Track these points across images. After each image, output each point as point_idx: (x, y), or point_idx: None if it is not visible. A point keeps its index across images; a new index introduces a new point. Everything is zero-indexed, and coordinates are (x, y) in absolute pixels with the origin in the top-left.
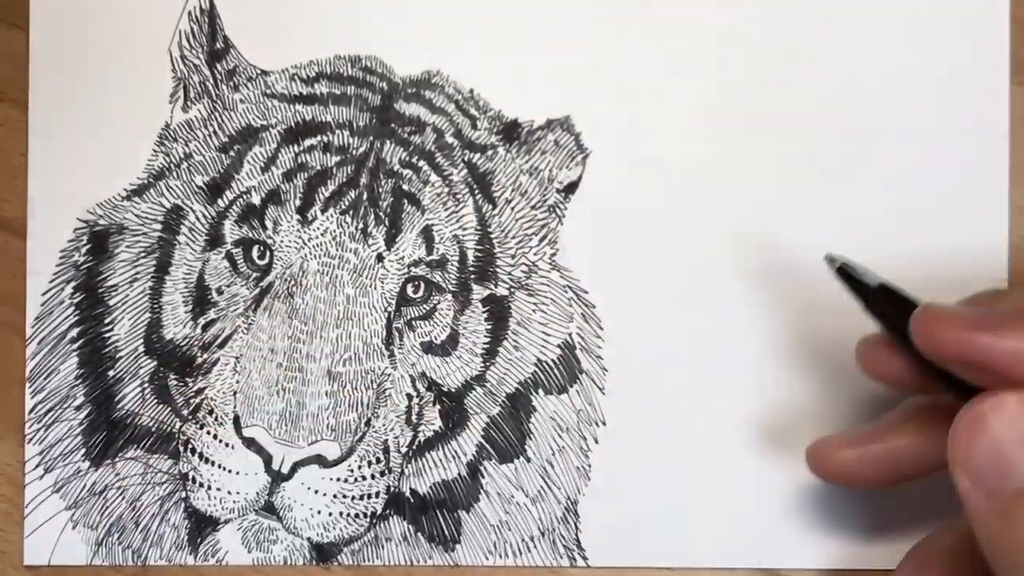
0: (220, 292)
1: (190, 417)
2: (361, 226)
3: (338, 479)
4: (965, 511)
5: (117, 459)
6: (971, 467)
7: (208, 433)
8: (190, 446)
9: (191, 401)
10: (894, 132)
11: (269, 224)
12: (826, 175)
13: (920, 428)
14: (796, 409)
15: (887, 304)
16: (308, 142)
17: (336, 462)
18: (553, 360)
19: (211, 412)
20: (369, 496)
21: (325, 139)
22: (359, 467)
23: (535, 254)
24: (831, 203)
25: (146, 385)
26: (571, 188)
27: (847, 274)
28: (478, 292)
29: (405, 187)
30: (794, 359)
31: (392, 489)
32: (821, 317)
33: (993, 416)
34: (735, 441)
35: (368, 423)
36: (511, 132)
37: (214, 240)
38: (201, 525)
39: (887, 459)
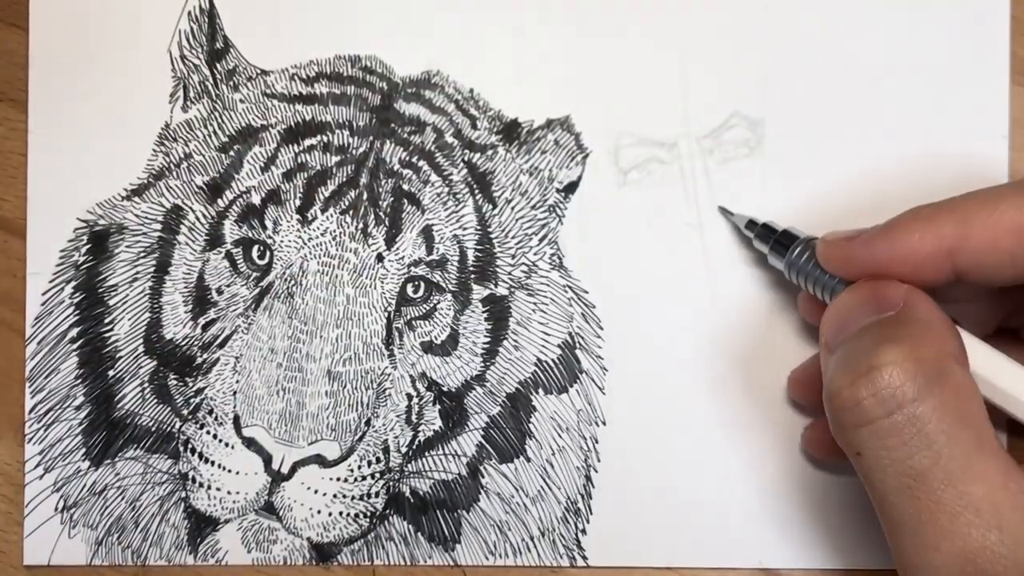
0: (220, 292)
1: (190, 417)
2: (361, 226)
3: (338, 479)
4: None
5: (117, 459)
6: (826, 336)
7: (208, 433)
8: (190, 446)
9: (191, 401)
10: (894, 132)
11: (269, 224)
12: (826, 173)
13: None
14: (798, 408)
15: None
16: (308, 142)
17: (336, 462)
18: (553, 360)
19: (211, 412)
20: (369, 496)
21: (325, 139)
22: (359, 467)
23: (535, 254)
24: (831, 203)
25: (146, 385)
26: (571, 188)
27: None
28: (478, 292)
29: (405, 187)
30: (795, 358)
31: (392, 489)
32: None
33: (845, 296)
34: (735, 441)
35: (368, 423)
36: (511, 132)
37: (214, 240)
38: (201, 525)
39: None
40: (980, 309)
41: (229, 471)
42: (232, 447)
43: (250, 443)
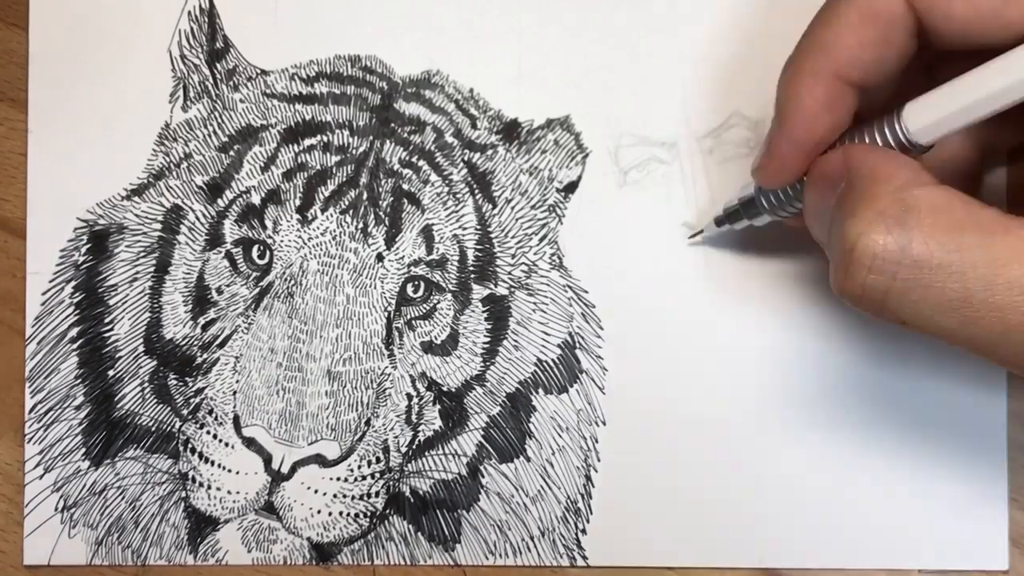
0: (220, 292)
1: (190, 417)
2: (361, 226)
3: (338, 479)
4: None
5: (117, 459)
6: (818, 239)
7: (208, 433)
8: (190, 446)
9: (191, 401)
10: None
11: (269, 224)
12: None
13: None
14: (797, 409)
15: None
16: (308, 142)
17: (336, 462)
18: (553, 360)
19: (211, 412)
20: (369, 496)
21: (325, 139)
22: (359, 467)
23: (535, 254)
24: None
25: (146, 385)
26: (571, 188)
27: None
28: (478, 292)
29: (405, 187)
30: (795, 358)
31: (392, 489)
32: (823, 316)
33: (804, 196)
34: (735, 441)
35: (368, 423)
36: (511, 132)
37: (214, 240)
38: (201, 525)
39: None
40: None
41: (229, 471)
42: (232, 447)
43: (250, 443)
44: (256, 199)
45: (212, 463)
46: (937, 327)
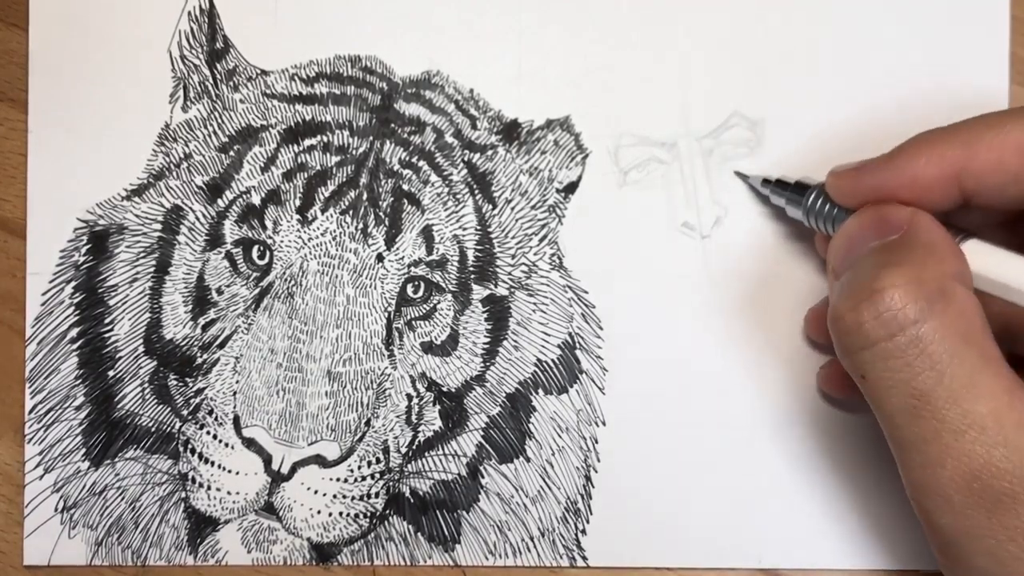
0: (220, 292)
1: (190, 417)
2: (361, 226)
3: (338, 479)
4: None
5: (117, 459)
6: (832, 263)
7: (208, 433)
8: (190, 446)
9: (191, 401)
10: (894, 132)
11: (269, 224)
12: (825, 173)
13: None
14: (797, 409)
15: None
16: (308, 142)
17: (336, 462)
18: (553, 360)
19: (211, 412)
20: (369, 496)
21: (325, 139)
22: (359, 467)
23: (535, 254)
24: None
25: (146, 385)
26: (571, 188)
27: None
28: (478, 292)
29: (405, 187)
30: (795, 358)
31: (392, 489)
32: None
33: (850, 221)
34: (735, 441)
35: (368, 423)
36: (511, 132)
37: (214, 240)
38: (201, 525)
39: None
40: (991, 240)
41: (229, 471)
42: (232, 447)
43: (250, 443)
44: (256, 199)
45: (212, 463)
46: (886, 400)
